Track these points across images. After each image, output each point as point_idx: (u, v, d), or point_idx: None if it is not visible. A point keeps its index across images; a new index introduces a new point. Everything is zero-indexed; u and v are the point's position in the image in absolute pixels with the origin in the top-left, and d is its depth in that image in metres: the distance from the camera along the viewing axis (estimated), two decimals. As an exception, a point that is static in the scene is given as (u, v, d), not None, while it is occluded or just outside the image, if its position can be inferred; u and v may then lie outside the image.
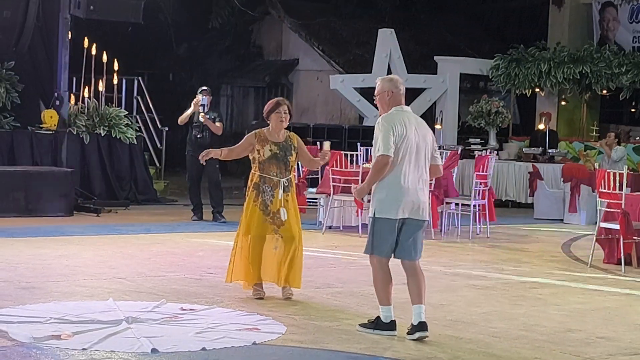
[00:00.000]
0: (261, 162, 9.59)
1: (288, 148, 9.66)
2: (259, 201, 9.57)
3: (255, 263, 9.62)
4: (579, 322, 9.14)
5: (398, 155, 7.98)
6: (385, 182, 8.03)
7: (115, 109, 18.39)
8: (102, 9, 16.92)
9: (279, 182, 9.56)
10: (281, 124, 9.65)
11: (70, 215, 15.84)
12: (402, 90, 8.22)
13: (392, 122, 8.03)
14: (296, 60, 25.35)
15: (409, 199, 8.03)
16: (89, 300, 9.17)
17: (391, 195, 8.02)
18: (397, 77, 8.42)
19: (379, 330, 8.17)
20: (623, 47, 21.91)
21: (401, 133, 7.99)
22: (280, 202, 9.55)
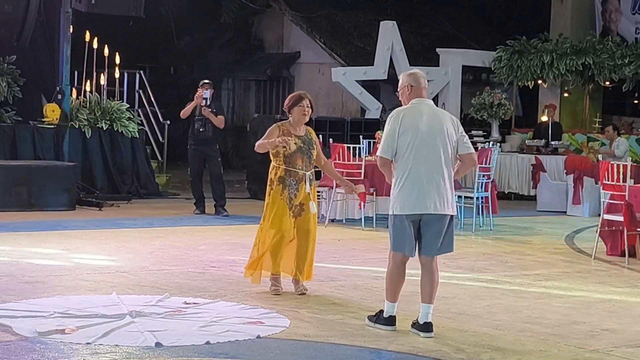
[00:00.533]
0: (287, 156, 9.49)
1: (310, 142, 9.62)
2: (285, 195, 9.47)
3: (275, 255, 9.53)
4: (584, 314, 9.13)
5: (405, 148, 7.88)
6: (396, 179, 7.97)
7: (117, 102, 18.37)
8: (103, 3, 16.88)
9: (305, 176, 9.50)
10: (304, 118, 9.60)
11: (73, 210, 15.82)
12: (422, 84, 8.09)
13: (398, 118, 7.95)
14: (297, 53, 25.31)
15: (422, 194, 7.87)
16: (92, 295, 9.17)
17: (403, 191, 7.92)
18: (418, 71, 8.25)
19: (378, 324, 8.16)
20: (626, 38, 21.86)
21: (405, 127, 7.89)
22: (307, 195, 9.49)
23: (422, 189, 7.88)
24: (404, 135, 7.90)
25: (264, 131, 18.59)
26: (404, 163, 7.92)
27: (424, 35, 25.61)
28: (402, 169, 7.93)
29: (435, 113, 8.08)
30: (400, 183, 7.94)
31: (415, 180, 7.88)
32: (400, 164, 7.95)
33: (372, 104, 21.03)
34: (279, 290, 9.53)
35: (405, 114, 7.99)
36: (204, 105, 15.56)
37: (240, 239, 13.20)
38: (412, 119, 7.96)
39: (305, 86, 24.09)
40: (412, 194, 7.89)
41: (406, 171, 7.90)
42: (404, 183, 7.92)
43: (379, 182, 14.95)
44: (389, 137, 7.96)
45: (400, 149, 7.92)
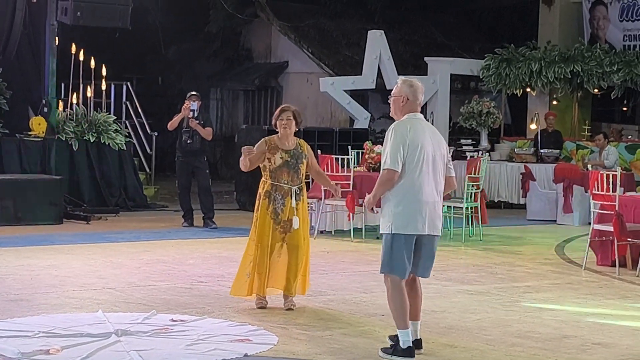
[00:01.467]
0: (272, 170, 9.48)
1: (299, 156, 9.55)
2: (270, 209, 9.44)
3: (262, 273, 9.48)
4: (574, 327, 9.05)
5: (413, 165, 7.57)
6: (401, 195, 7.60)
7: (104, 114, 18.27)
8: (89, 15, 16.79)
9: (291, 190, 9.45)
10: (284, 131, 9.55)
11: (60, 223, 15.70)
12: (419, 99, 7.80)
13: (404, 131, 7.62)
14: (285, 63, 25.24)
15: (428, 213, 7.61)
16: (78, 312, 9.07)
17: (409, 209, 7.58)
18: (419, 84, 7.87)
19: (396, 356, 7.67)
20: (614, 45, 21.84)
21: (415, 142, 7.59)
22: (292, 210, 9.44)
23: (429, 209, 7.62)
24: (412, 150, 7.58)
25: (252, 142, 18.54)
26: (412, 180, 7.57)
27: (412, 43, 25.56)
28: (408, 185, 7.58)
29: (433, 131, 7.86)
30: (406, 201, 7.58)
31: (423, 199, 7.59)
32: (406, 180, 7.58)
33: (360, 113, 20.95)
34: (264, 304, 9.50)
35: (411, 128, 7.65)
36: (191, 117, 15.47)
37: (229, 252, 13.11)
38: (418, 134, 7.64)
39: (294, 96, 24.03)
40: (421, 212, 7.58)
41: (413, 188, 7.58)
42: (409, 201, 7.57)
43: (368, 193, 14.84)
44: (397, 149, 7.56)
45: (409, 164, 7.58)
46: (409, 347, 7.66)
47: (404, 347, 7.65)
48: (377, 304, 9.76)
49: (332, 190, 9.94)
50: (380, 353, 7.78)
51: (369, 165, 15.48)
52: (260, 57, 26.05)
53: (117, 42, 22.68)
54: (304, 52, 24.35)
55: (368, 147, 15.80)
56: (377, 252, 13.43)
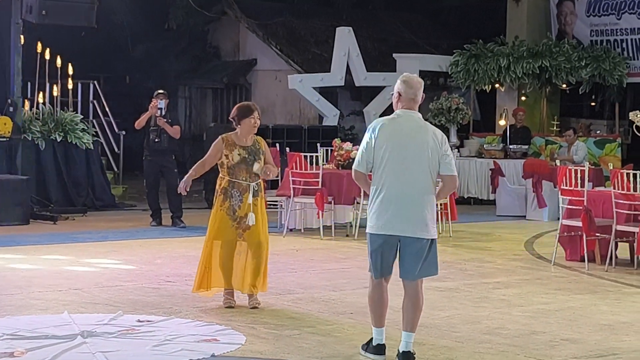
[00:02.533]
0: (230, 167, 9.42)
1: (256, 152, 9.51)
2: (225, 206, 9.42)
3: (226, 268, 9.47)
4: (544, 323, 9.03)
5: (379, 164, 7.42)
6: (372, 195, 7.49)
7: (71, 113, 18.11)
8: (54, 14, 16.61)
9: (249, 187, 9.41)
10: (254, 129, 9.52)
11: (27, 224, 15.55)
12: (411, 95, 7.49)
13: (375, 129, 7.43)
14: (254, 61, 25.14)
15: (396, 213, 7.36)
16: (43, 314, 8.97)
17: (376, 209, 7.45)
18: (415, 79, 7.60)
19: (368, 353, 7.63)
20: (581, 40, 21.89)
21: (382, 141, 7.40)
22: (249, 206, 9.39)
23: (396, 208, 7.37)
24: (380, 148, 7.40)
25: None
26: (379, 178, 7.44)
27: (381, 41, 25.52)
28: (376, 184, 7.46)
29: (417, 127, 7.51)
30: (375, 200, 7.46)
31: (389, 198, 7.39)
32: (375, 179, 7.48)
33: (329, 110, 20.90)
34: (232, 304, 9.43)
35: (383, 126, 7.44)
36: (158, 116, 15.38)
37: (197, 252, 12.84)
38: (390, 131, 7.43)
39: (262, 94, 23.96)
40: (386, 213, 7.39)
41: (380, 187, 7.42)
42: (377, 200, 7.44)
43: (337, 191, 14.84)
44: (363, 150, 7.49)
45: (376, 162, 7.44)
46: (378, 345, 7.60)
47: (374, 345, 7.63)
48: (346, 302, 9.71)
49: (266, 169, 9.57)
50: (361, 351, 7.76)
51: (338, 163, 15.43)
52: (228, 54, 25.95)
53: (84, 40, 22.56)
54: (272, 50, 24.28)
55: (337, 144, 15.74)
56: (346, 250, 13.49)
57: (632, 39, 21.20)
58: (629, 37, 21.26)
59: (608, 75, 20.83)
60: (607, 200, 12.28)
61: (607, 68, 20.73)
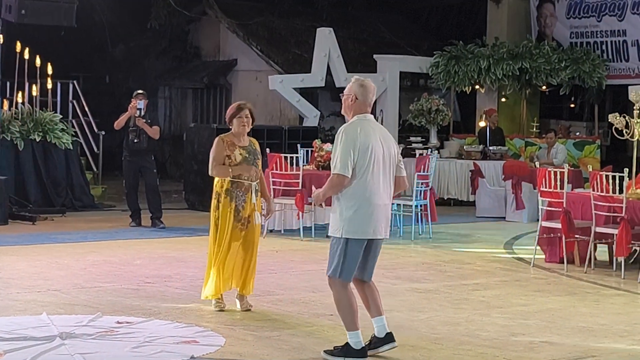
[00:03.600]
0: (233, 168, 9.34)
1: (255, 152, 9.51)
2: (231, 206, 9.33)
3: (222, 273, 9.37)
4: (522, 325, 9.05)
5: (364, 168, 7.44)
6: (353, 199, 7.47)
7: (50, 113, 18.02)
8: (33, 13, 16.57)
9: (251, 186, 9.37)
10: (243, 129, 9.46)
11: (5, 224, 15.47)
12: (369, 99, 7.63)
13: (354, 134, 7.47)
14: (234, 61, 25.09)
15: (380, 216, 7.53)
16: (21, 315, 8.93)
17: (361, 213, 7.46)
18: (370, 84, 7.72)
19: (350, 358, 7.57)
20: (561, 42, 21.98)
21: (365, 145, 7.44)
22: (253, 206, 9.37)
23: (380, 213, 7.52)
24: (363, 153, 7.44)
25: (200, 140, 18.59)
26: (363, 184, 7.45)
27: (361, 42, 25.52)
28: (360, 190, 7.46)
29: (383, 132, 7.71)
30: (357, 205, 7.46)
31: (374, 204, 7.48)
32: (358, 184, 7.46)
33: (310, 111, 20.89)
34: (223, 307, 9.38)
35: (362, 131, 7.50)
36: (138, 116, 15.33)
37: (177, 253, 13.01)
38: (368, 136, 7.49)
39: (243, 94, 23.90)
40: (371, 218, 7.48)
41: (365, 193, 7.46)
42: (361, 205, 7.45)
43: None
44: (347, 154, 7.42)
45: (359, 167, 7.45)
46: (363, 348, 7.61)
47: (357, 349, 7.58)
48: (325, 304, 9.69)
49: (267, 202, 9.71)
50: (324, 355, 7.69)
51: (318, 164, 15.42)
52: (208, 55, 25.90)
53: (63, 40, 22.46)
54: (252, 50, 24.23)
55: (317, 145, 15.73)
56: (326, 251, 13.39)
57: (611, 41, 21.29)
58: (608, 39, 21.34)
59: (587, 77, 20.91)
60: (587, 202, 12.32)
61: (586, 70, 20.81)
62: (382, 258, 12.76)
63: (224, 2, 24.79)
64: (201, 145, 18.36)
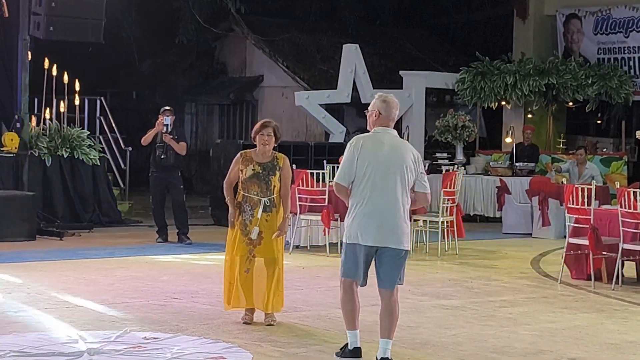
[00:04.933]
0: (243, 182, 9.49)
1: (272, 168, 9.51)
2: (239, 221, 9.47)
3: (245, 286, 9.43)
4: (550, 342, 9.01)
5: (362, 179, 7.77)
6: (352, 208, 7.83)
7: (77, 129, 18.12)
8: (62, 30, 16.64)
9: (260, 202, 9.41)
10: (263, 147, 9.51)
11: (33, 240, 15.54)
12: (392, 115, 7.91)
13: (357, 145, 7.82)
14: (261, 77, 25.17)
15: (375, 224, 7.73)
16: (50, 331, 8.95)
17: (356, 221, 7.79)
18: (393, 99, 8.00)
19: (344, 357, 7.98)
20: (588, 58, 21.91)
21: (365, 157, 7.77)
22: (257, 221, 9.40)
23: (377, 221, 7.74)
24: (362, 163, 7.76)
25: (227, 156, 18.64)
26: (361, 192, 7.78)
27: (387, 57, 25.55)
28: (358, 197, 7.79)
29: (397, 144, 7.90)
30: (355, 212, 7.80)
31: (371, 211, 7.74)
32: (356, 192, 7.80)
33: (336, 127, 20.91)
34: (250, 320, 9.43)
35: (365, 142, 7.85)
36: (165, 132, 15.39)
37: (203, 269, 13.05)
38: (372, 147, 7.81)
39: (269, 110, 23.96)
40: (366, 225, 7.75)
41: (362, 200, 7.77)
42: (358, 212, 7.78)
43: (344, 208, 14.74)
44: (346, 164, 7.82)
45: (357, 176, 7.77)
46: (355, 348, 7.92)
47: (350, 348, 7.94)
48: (352, 320, 9.68)
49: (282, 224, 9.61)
50: (334, 357, 8.09)
51: (344, 180, 15.38)
52: (235, 71, 25.98)
53: (91, 56, 22.60)
54: (279, 66, 24.31)
55: (343, 161, 15.70)
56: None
57: (639, 57, 21.21)
58: (636, 55, 21.27)
59: (614, 93, 20.84)
60: (614, 218, 12.27)
61: (613, 86, 20.74)
62: (409, 274, 12.74)
63: (251, 19, 24.88)
64: (227, 161, 18.33)
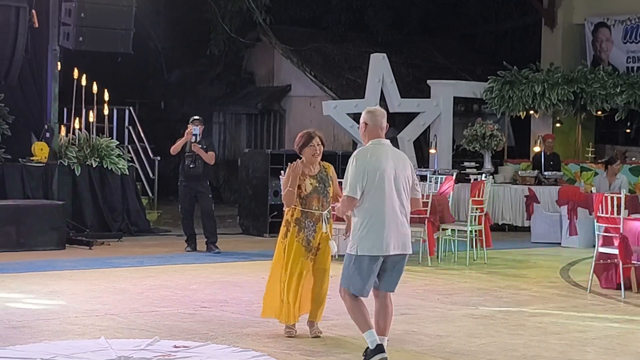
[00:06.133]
0: (303, 197, 9.26)
1: (326, 179, 9.39)
2: (300, 237, 9.22)
3: (294, 302, 9.29)
4: (580, 351, 8.98)
5: (374, 189, 7.91)
6: (366, 219, 7.94)
7: (106, 139, 18.22)
8: (91, 40, 16.75)
9: (321, 216, 9.29)
10: (314, 158, 9.36)
11: (62, 249, 15.64)
12: (380, 123, 8.11)
13: (365, 157, 7.98)
14: (288, 87, 25.22)
15: (392, 234, 7.93)
16: (80, 339, 9.00)
17: (373, 232, 7.91)
18: (378, 109, 8.27)
19: (370, 357, 7.99)
20: (617, 67, 21.83)
21: (375, 168, 7.92)
22: (325, 235, 9.29)
23: (392, 229, 7.93)
24: (372, 175, 7.92)
25: (255, 165, 18.68)
26: (373, 203, 7.92)
27: (415, 67, 25.56)
28: (370, 209, 7.92)
29: (398, 154, 8.18)
30: (370, 224, 7.91)
31: (385, 221, 7.91)
32: (367, 204, 7.93)
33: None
34: (292, 333, 9.33)
35: (372, 154, 8.00)
36: (193, 142, 15.45)
37: (232, 277, 13.07)
38: (378, 159, 7.98)
39: (297, 120, 24.02)
40: (384, 235, 7.90)
41: (375, 211, 7.91)
42: (373, 224, 7.90)
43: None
44: (357, 177, 7.92)
45: (369, 188, 7.92)
46: (378, 345, 7.99)
47: (372, 347, 8.00)
48: (381, 329, 9.68)
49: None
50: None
51: (372, 189, 15.40)
52: (263, 80, 26.04)
53: (120, 66, 22.70)
54: (306, 76, 24.35)
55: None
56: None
57: (668, 66, 21.16)
58: (665, 64, 21.20)
59: (644, 103, 20.75)
60: (644, 227, 12.21)
61: (642, 95, 20.65)
62: (437, 283, 12.87)
63: (279, 29, 24.95)
64: (255, 170, 18.47)
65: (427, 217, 14.37)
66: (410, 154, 21.32)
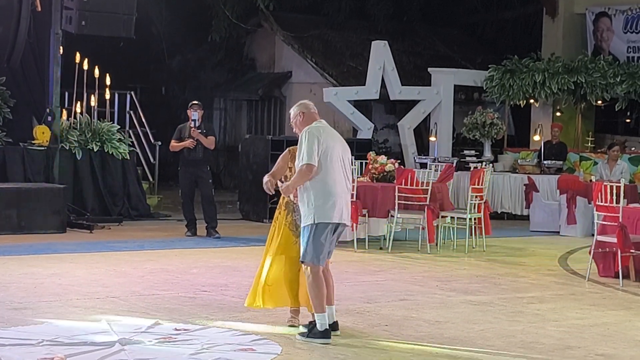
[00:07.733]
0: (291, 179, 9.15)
1: None
2: (288, 220, 9.15)
3: (293, 287, 9.13)
4: (578, 338, 9.04)
5: (327, 162, 8.36)
6: (320, 190, 8.36)
7: (108, 123, 18.27)
8: (93, 25, 16.75)
9: None
10: None
11: (63, 232, 15.70)
12: (312, 109, 8.70)
13: (317, 133, 8.39)
14: (289, 73, 25.25)
15: (343, 204, 8.44)
16: (82, 321, 9.05)
17: (329, 201, 8.35)
18: (307, 101, 8.88)
19: (312, 337, 8.41)
20: (617, 57, 21.87)
21: (327, 142, 8.39)
22: None
23: (342, 200, 8.46)
24: (325, 148, 8.37)
25: (255, 151, 18.74)
26: (327, 175, 8.36)
27: (416, 55, 25.59)
28: (325, 179, 8.36)
29: (341, 138, 8.72)
30: (326, 194, 8.34)
31: (338, 191, 8.42)
32: (322, 176, 8.35)
33: (364, 124, 20.97)
34: (296, 323, 9.13)
35: (323, 131, 8.47)
36: (193, 127, 15.48)
37: (232, 262, 13.13)
38: (328, 135, 8.47)
39: (297, 106, 24.00)
40: (337, 203, 8.38)
41: (330, 182, 8.37)
42: (329, 193, 8.35)
43: (371, 204, 14.88)
44: (312, 146, 8.32)
45: (323, 161, 8.36)
46: (326, 329, 8.42)
47: (321, 330, 8.41)
48: (381, 314, 9.76)
49: None
50: (299, 337, 8.52)
51: (373, 176, 15.49)
52: (263, 67, 26.08)
53: (122, 51, 22.73)
54: (307, 63, 24.38)
55: (372, 157, 15.81)
56: (380, 263, 13.55)
57: (669, 56, 21.19)
58: (666, 54, 21.24)
59: (644, 92, 20.80)
60: (643, 216, 12.28)
61: (643, 85, 20.69)
62: (436, 270, 12.95)
63: (280, 15, 24.97)
64: (256, 156, 18.54)
65: (426, 204, 14.44)
66: (411, 142, 21.40)
